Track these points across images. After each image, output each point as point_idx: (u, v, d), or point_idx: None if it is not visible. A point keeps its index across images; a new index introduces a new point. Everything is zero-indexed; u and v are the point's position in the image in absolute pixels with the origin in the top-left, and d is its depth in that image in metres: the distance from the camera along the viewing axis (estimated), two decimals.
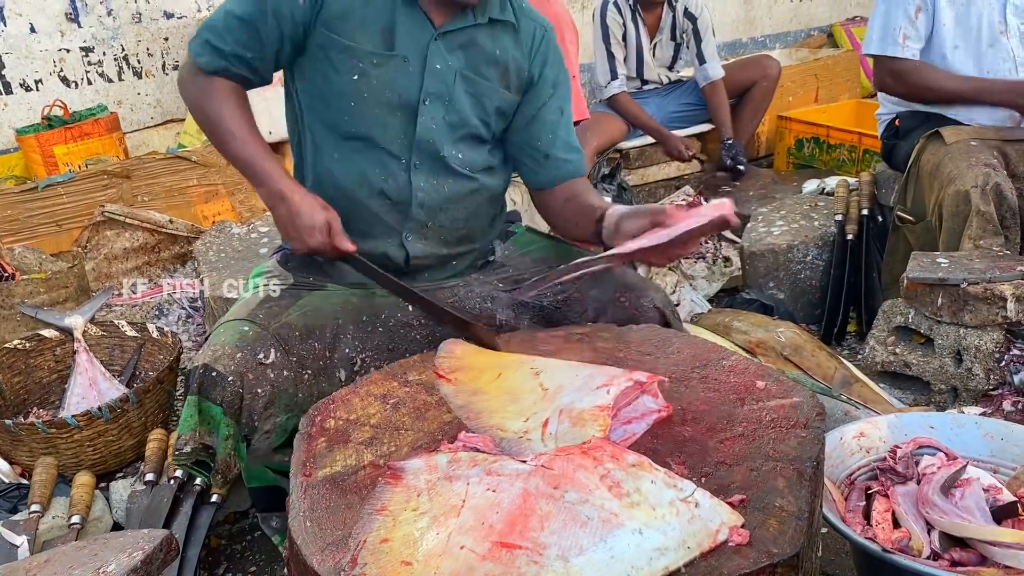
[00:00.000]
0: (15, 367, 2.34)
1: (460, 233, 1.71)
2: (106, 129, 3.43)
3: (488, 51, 1.60)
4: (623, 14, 3.77)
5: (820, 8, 5.85)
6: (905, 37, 2.48)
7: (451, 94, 1.58)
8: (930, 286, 2.15)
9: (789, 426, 1.23)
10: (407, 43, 1.54)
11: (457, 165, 1.63)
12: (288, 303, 1.59)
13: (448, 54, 1.56)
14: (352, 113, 1.56)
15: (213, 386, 1.43)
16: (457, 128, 1.61)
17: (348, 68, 1.53)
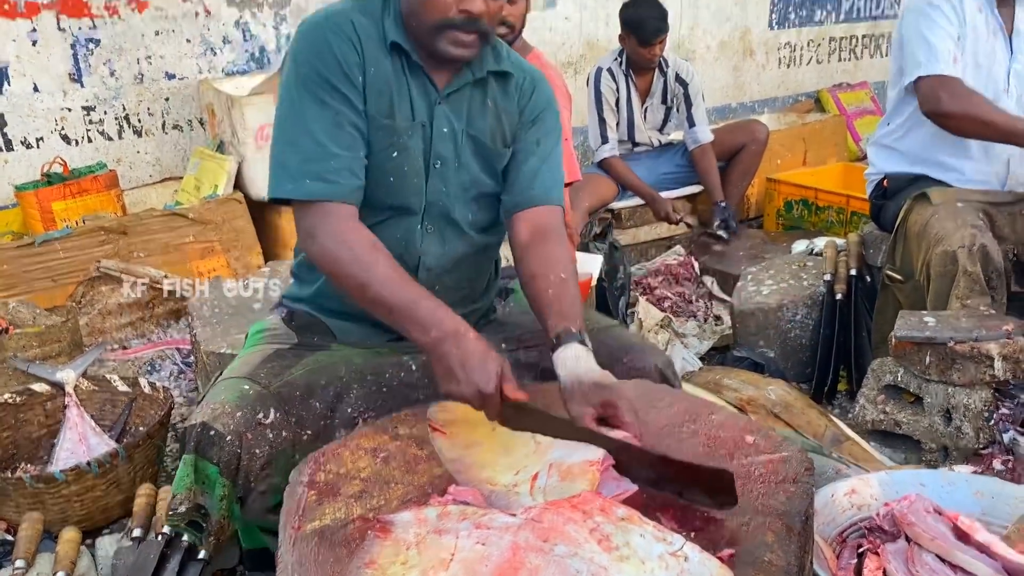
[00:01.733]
0: (4, 421, 2.33)
1: (463, 293, 1.71)
2: (105, 186, 3.47)
3: (483, 106, 1.61)
4: (616, 79, 3.88)
5: (807, 75, 6.00)
6: (955, 59, 2.46)
7: (459, 156, 1.58)
8: (918, 345, 2.17)
9: (778, 481, 1.24)
10: (420, 109, 1.55)
11: (466, 227, 1.63)
12: (291, 362, 1.58)
13: (454, 115, 1.57)
14: (388, 187, 1.55)
15: (211, 445, 1.42)
16: (468, 189, 1.61)
17: (391, 146, 1.53)
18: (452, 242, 1.63)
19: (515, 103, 1.64)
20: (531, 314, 1.78)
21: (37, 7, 3.45)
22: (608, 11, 4.88)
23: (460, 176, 1.59)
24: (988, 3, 2.54)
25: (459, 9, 1.44)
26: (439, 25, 1.45)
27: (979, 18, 2.53)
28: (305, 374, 1.56)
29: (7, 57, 3.44)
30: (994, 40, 2.53)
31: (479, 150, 1.60)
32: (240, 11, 3.89)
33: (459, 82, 1.57)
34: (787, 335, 2.80)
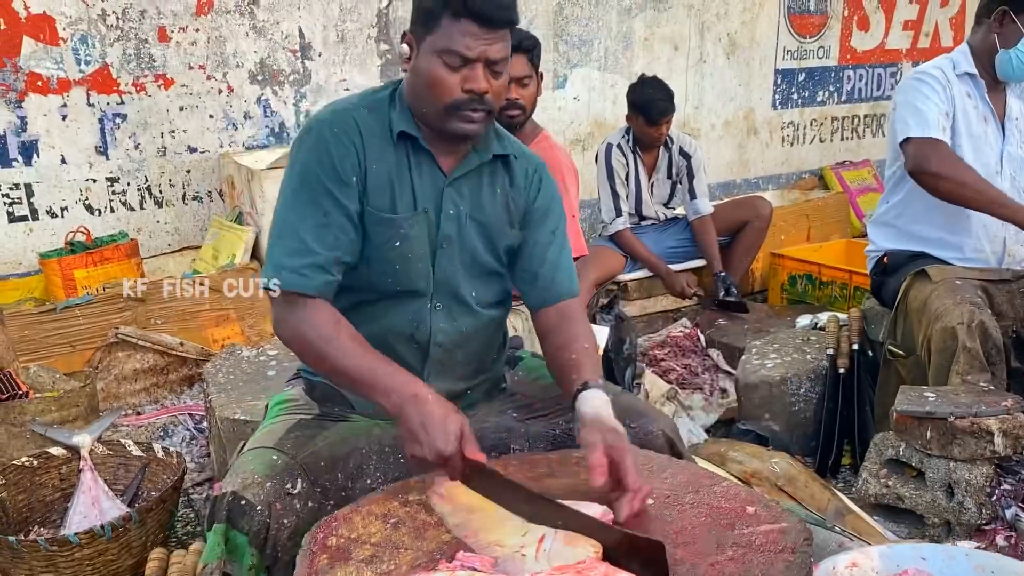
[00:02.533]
0: (20, 484, 2.37)
1: (474, 367, 1.76)
2: (125, 255, 3.58)
3: (491, 190, 1.69)
4: (625, 155, 4.00)
5: (810, 153, 6.14)
6: (944, 128, 2.55)
7: (463, 237, 1.66)
8: (919, 419, 2.20)
9: (777, 550, 1.27)
10: (424, 195, 1.63)
11: (472, 303, 1.70)
12: (314, 432, 1.62)
13: (459, 198, 1.66)
14: (395, 274, 1.63)
15: (241, 515, 1.44)
16: (471, 267, 1.68)
17: (392, 237, 1.60)
18: (461, 318, 1.70)
19: (523, 190, 1.72)
20: (540, 382, 1.84)
21: (69, 84, 3.62)
22: (616, 91, 5.05)
23: (464, 256, 1.67)
24: (977, 89, 2.65)
25: (464, 89, 1.53)
26: (448, 107, 1.54)
27: (968, 103, 2.64)
28: (328, 445, 1.60)
29: (38, 130, 3.59)
30: (985, 125, 2.63)
31: (483, 231, 1.68)
32: (262, 88, 4.05)
33: (465, 167, 1.66)
34: (791, 408, 2.83)
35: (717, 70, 5.50)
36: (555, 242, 1.74)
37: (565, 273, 1.73)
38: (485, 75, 1.54)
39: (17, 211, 3.62)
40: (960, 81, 2.64)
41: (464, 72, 1.53)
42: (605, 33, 4.99)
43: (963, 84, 2.64)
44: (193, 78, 3.88)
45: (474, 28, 1.50)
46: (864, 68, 6.22)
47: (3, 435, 2.58)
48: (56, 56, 3.57)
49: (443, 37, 1.51)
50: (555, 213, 1.76)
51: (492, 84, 1.56)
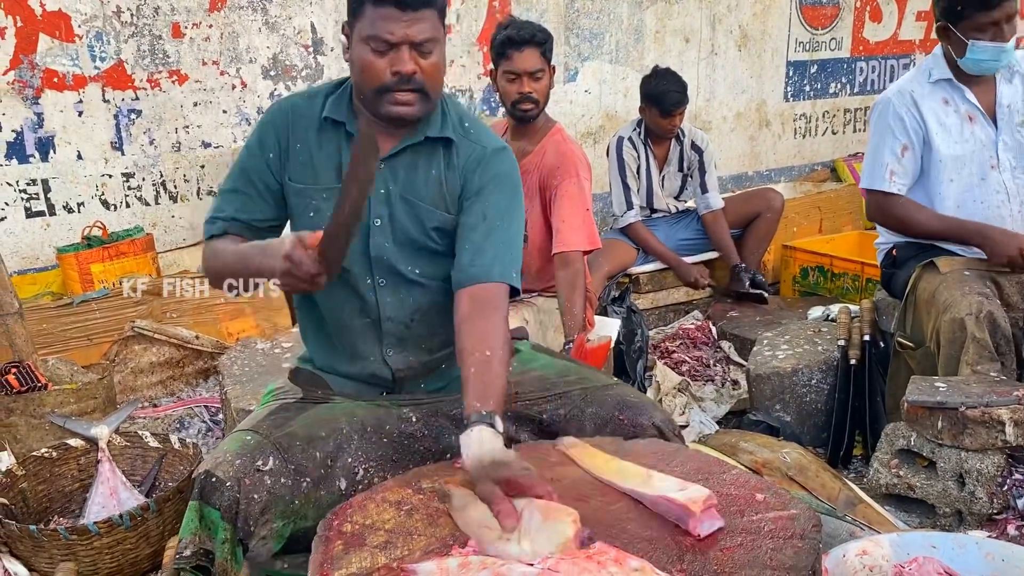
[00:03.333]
0: (40, 475, 2.41)
1: (440, 339, 1.79)
2: (141, 249, 3.61)
3: (427, 171, 1.73)
4: (636, 148, 4.01)
5: (823, 145, 6.12)
6: (892, 173, 2.65)
7: (393, 215, 1.71)
8: (930, 410, 2.21)
9: (786, 537, 1.29)
10: None
11: (416, 277, 1.74)
12: (293, 415, 1.69)
13: (391, 178, 1.71)
14: None
15: (213, 491, 1.51)
16: (406, 246, 1.73)
17: (304, 207, 1.72)
18: (408, 293, 1.75)
19: (458, 172, 1.73)
20: (532, 372, 1.86)
21: (84, 80, 3.65)
22: (627, 84, 5.05)
23: (397, 234, 1.72)
24: (957, 92, 2.63)
25: (391, 72, 1.59)
26: (379, 90, 1.62)
27: (946, 110, 2.63)
28: (306, 425, 1.66)
29: (54, 127, 3.63)
30: (971, 125, 2.62)
31: (413, 210, 1.72)
32: (275, 83, 4.08)
33: (397, 147, 1.71)
34: (802, 399, 2.84)
35: (728, 62, 5.48)
36: (482, 225, 1.69)
37: (488, 257, 1.66)
38: (412, 57, 1.59)
39: (34, 206, 3.66)
40: (936, 89, 2.64)
41: (391, 56, 1.59)
42: (616, 26, 4.99)
43: (939, 91, 2.64)
44: (207, 74, 3.90)
45: (394, 12, 1.57)
46: (877, 59, 6.19)
47: (23, 426, 2.62)
48: (72, 53, 3.61)
49: (367, 24, 1.59)
50: (491, 198, 1.71)
51: (421, 64, 1.61)
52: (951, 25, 2.55)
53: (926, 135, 2.62)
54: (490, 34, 2.92)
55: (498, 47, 2.76)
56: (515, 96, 2.75)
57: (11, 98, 3.52)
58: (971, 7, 2.49)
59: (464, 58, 4.55)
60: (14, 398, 2.62)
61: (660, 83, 3.88)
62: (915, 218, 2.66)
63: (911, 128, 2.63)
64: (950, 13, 2.55)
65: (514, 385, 1.83)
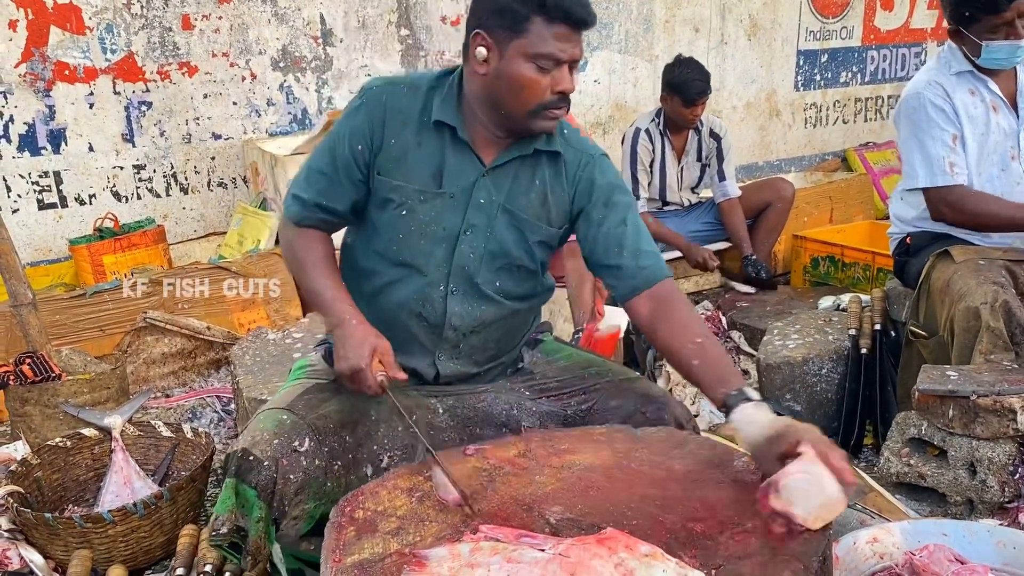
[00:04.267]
0: (55, 464, 2.43)
1: (490, 352, 1.80)
2: (152, 240, 3.63)
3: (530, 183, 1.70)
4: (653, 141, 3.98)
5: (833, 134, 6.09)
6: (952, 165, 2.55)
7: (492, 226, 1.69)
8: (941, 398, 2.20)
9: None
10: (455, 181, 1.67)
11: (492, 292, 1.73)
12: (327, 396, 1.68)
13: (494, 188, 1.68)
14: (399, 243, 1.69)
15: (249, 470, 1.52)
16: (497, 258, 1.71)
17: (397, 204, 1.67)
18: (478, 305, 1.73)
19: (568, 184, 1.72)
20: (557, 364, 1.87)
21: (95, 72, 3.67)
22: (636, 75, 5.04)
23: (490, 245, 1.70)
24: (979, 82, 2.60)
25: (554, 91, 1.58)
26: (536, 108, 1.59)
27: (973, 101, 2.60)
28: (339, 409, 1.66)
29: (66, 119, 3.65)
30: (995, 114, 2.59)
31: (515, 223, 1.70)
32: (284, 75, 4.09)
33: (504, 157, 1.68)
34: (813, 389, 2.84)
35: (739, 52, 5.46)
36: (628, 229, 1.71)
37: (650, 258, 1.70)
38: (572, 74, 1.60)
39: (47, 198, 3.68)
40: (961, 80, 2.60)
41: (554, 74, 1.57)
42: (625, 15, 4.97)
43: (964, 82, 2.60)
44: (216, 65, 3.92)
45: (565, 31, 1.54)
46: (888, 48, 6.15)
47: (37, 416, 2.64)
48: (83, 45, 3.62)
49: (536, 41, 1.54)
50: (621, 202, 1.73)
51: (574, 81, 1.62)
52: (963, 28, 2.53)
53: (960, 127, 2.58)
54: None
55: None
56: None
57: (23, 91, 3.54)
58: (981, 11, 2.47)
59: None
60: (28, 388, 2.64)
61: (683, 72, 3.84)
62: (994, 210, 2.52)
63: (952, 118, 2.57)
64: (960, 17, 2.53)
65: (541, 376, 1.85)
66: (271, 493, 1.52)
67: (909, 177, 2.64)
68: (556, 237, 1.76)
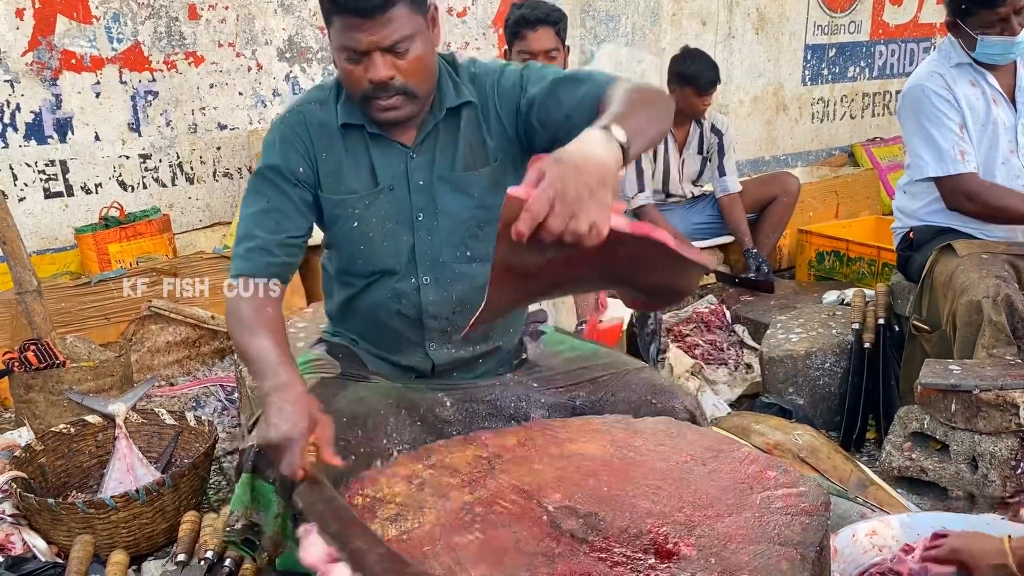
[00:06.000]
0: (59, 451, 2.44)
1: (481, 331, 1.78)
2: (158, 230, 3.64)
3: (455, 143, 1.67)
4: None
5: (840, 129, 6.07)
6: (963, 153, 2.54)
7: (438, 202, 1.68)
8: (943, 392, 2.20)
9: (795, 513, 1.29)
10: (388, 173, 1.67)
11: (464, 263, 1.71)
12: (335, 391, 1.68)
13: (426, 165, 1.67)
14: (363, 255, 1.70)
15: (267, 465, 1.50)
16: (455, 231, 1.69)
17: (347, 217, 1.67)
18: (451, 285, 1.72)
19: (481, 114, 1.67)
20: (561, 356, 1.86)
21: (102, 61, 3.68)
22: (643, 68, 5.02)
23: (443, 221, 1.69)
24: (979, 75, 2.60)
25: (368, 80, 1.55)
26: (362, 99, 1.58)
27: (974, 93, 2.60)
28: (348, 403, 1.66)
29: (72, 108, 3.66)
30: (995, 107, 2.59)
31: (456, 187, 1.68)
32: (290, 66, 4.09)
33: (423, 133, 1.67)
34: (816, 383, 2.83)
35: (746, 45, 5.44)
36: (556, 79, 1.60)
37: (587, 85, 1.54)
38: (387, 61, 1.53)
39: (53, 187, 3.69)
40: (961, 71, 2.60)
41: (365, 63, 1.54)
42: (632, 8, 4.95)
43: (964, 73, 2.60)
44: (223, 55, 3.92)
45: (354, 21, 1.50)
46: (896, 43, 6.12)
47: (42, 403, 2.65)
48: (89, 34, 3.63)
49: (336, 33, 1.54)
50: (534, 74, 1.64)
51: (399, 65, 1.54)
52: (959, 21, 2.53)
53: (962, 118, 2.59)
54: (505, 16, 2.91)
55: (512, 27, 2.75)
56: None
57: (30, 79, 3.55)
58: (978, 4, 2.47)
59: (479, 40, 4.54)
60: (33, 375, 2.66)
61: (695, 63, 3.84)
62: (1012, 202, 2.51)
63: (955, 108, 2.58)
64: (957, 10, 2.53)
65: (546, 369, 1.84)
66: (289, 488, 1.49)
67: (918, 168, 2.63)
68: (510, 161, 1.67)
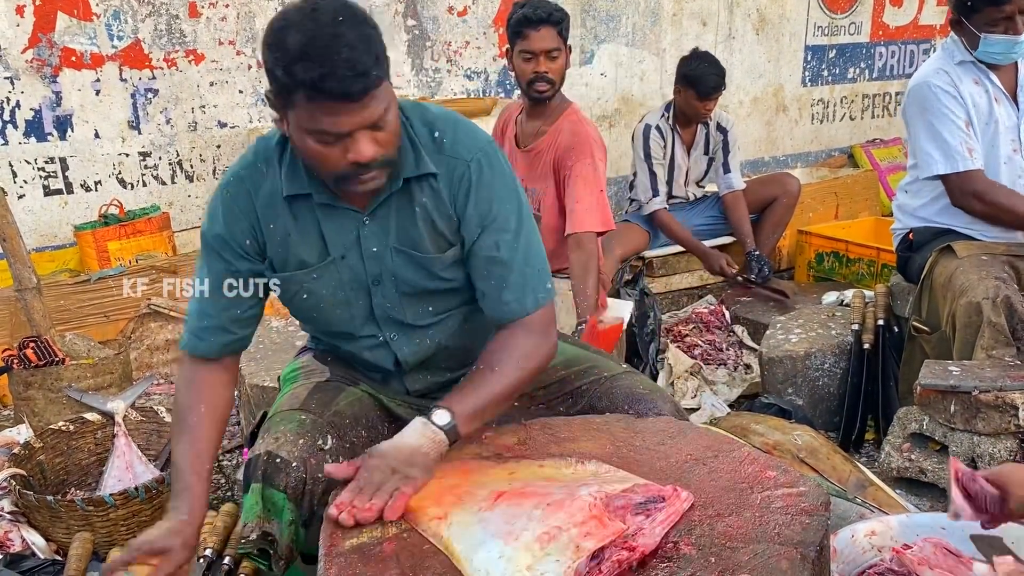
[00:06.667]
0: (57, 448, 2.44)
1: (459, 359, 1.74)
2: (157, 227, 3.64)
3: (412, 215, 1.55)
4: (664, 136, 3.97)
5: (840, 130, 6.07)
6: (970, 150, 2.53)
7: (394, 271, 1.58)
8: (943, 393, 2.20)
9: (795, 513, 1.29)
10: (338, 242, 1.56)
11: (429, 320, 1.65)
12: (333, 394, 1.67)
13: (380, 232, 1.56)
14: (320, 321, 1.68)
15: (277, 472, 1.48)
16: (413, 296, 1.62)
17: (296, 291, 1.61)
18: (420, 338, 1.67)
19: (449, 205, 1.55)
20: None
21: (102, 59, 3.67)
22: (643, 68, 5.03)
23: (401, 287, 1.60)
24: (982, 73, 2.61)
25: (349, 162, 1.39)
26: (338, 178, 1.43)
27: (977, 91, 2.60)
28: (348, 404, 1.66)
29: (72, 105, 3.65)
30: (997, 106, 2.60)
31: (411, 261, 1.58)
32: None
33: (379, 198, 1.53)
34: (815, 383, 2.84)
35: (746, 46, 5.44)
36: (499, 256, 1.54)
37: (516, 293, 1.55)
38: (368, 139, 1.37)
39: (52, 184, 3.69)
40: (964, 69, 2.61)
41: (344, 143, 1.37)
42: (633, 8, 4.96)
43: (968, 71, 2.61)
44: (223, 53, 3.92)
45: (335, 105, 1.32)
46: (896, 44, 6.13)
47: (41, 400, 2.65)
48: (90, 31, 3.62)
49: (306, 116, 1.35)
50: (498, 220, 1.55)
51: (379, 139, 1.39)
52: (964, 19, 2.53)
53: (967, 115, 2.59)
54: (506, 15, 2.91)
55: (514, 26, 2.75)
56: (530, 76, 2.74)
57: (30, 76, 3.55)
58: (983, 1, 2.47)
59: (480, 40, 4.54)
60: (32, 372, 2.66)
61: (700, 65, 3.83)
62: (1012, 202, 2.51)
63: (961, 105, 2.58)
64: (962, 7, 2.53)
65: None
66: (301, 494, 1.49)
67: (926, 165, 2.60)
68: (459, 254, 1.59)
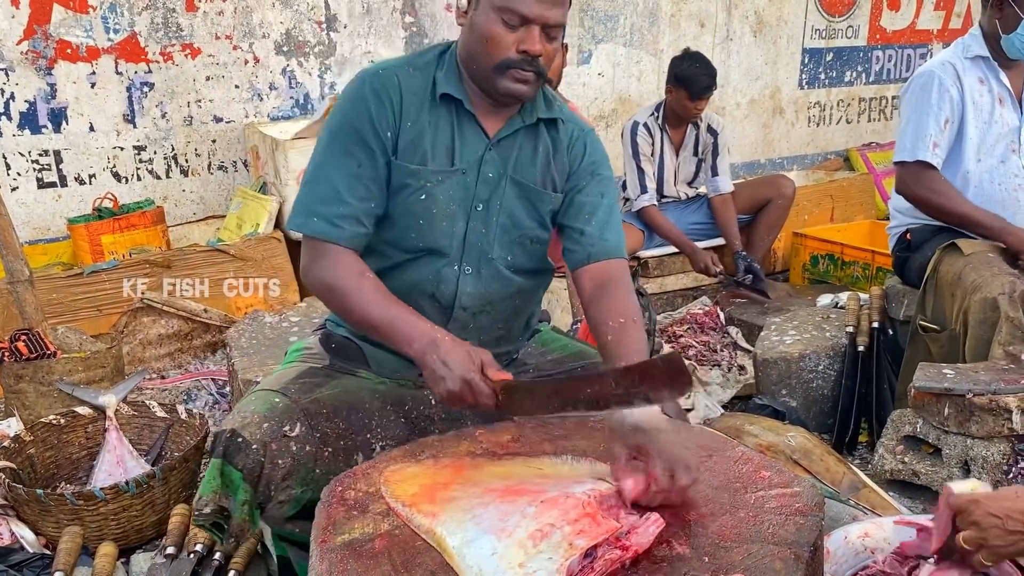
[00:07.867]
0: (48, 441, 2.42)
1: (498, 334, 1.77)
2: (151, 222, 3.62)
3: (534, 152, 1.69)
4: (652, 134, 3.97)
5: (836, 133, 6.08)
6: (935, 145, 2.60)
7: (501, 199, 1.67)
8: (937, 396, 2.20)
9: (789, 513, 1.29)
10: (465, 156, 1.64)
11: (504, 267, 1.70)
12: (321, 381, 1.66)
13: (500, 160, 1.66)
14: (418, 229, 1.64)
15: (237, 451, 1.50)
16: (508, 231, 1.69)
17: (415, 189, 1.62)
18: (489, 282, 1.70)
19: (566, 152, 1.72)
20: (551, 355, 1.85)
21: (98, 52, 3.65)
22: (641, 68, 5.02)
23: (501, 219, 1.67)
24: (991, 71, 2.63)
25: (519, 49, 1.53)
26: (500, 65, 1.55)
27: (981, 89, 2.63)
28: (333, 394, 1.65)
29: (67, 98, 3.63)
30: (1000, 106, 2.62)
31: (523, 193, 1.69)
32: (287, 59, 4.07)
33: (510, 128, 1.66)
34: (809, 385, 2.83)
35: (744, 48, 5.45)
36: (603, 204, 1.72)
37: (614, 234, 1.71)
38: (540, 38, 1.54)
39: (46, 177, 3.67)
40: (973, 65, 2.64)
41: (520, 32, 1.53)
42: (631, 9, 4.96)
43: (976, 68, 2.64)
44: (219, 48, 3.90)
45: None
46: (894, 48, 6.14)
47: (32, 393, 2.64)
48: (85, 24, 3.60)
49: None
50: (604, 177, 1.75)
51: (546, 48, 1.55)
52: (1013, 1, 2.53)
53: (963, 112, 2.62)
54: None
55: None
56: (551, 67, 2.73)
57: (24, 68, 3.53)
58: None
59: None
60: (23, 365, 2.64)
61: (692, 66, 3.83)
62: (948, 195, 2.60)
63: (954, 102, 2.61)
64: None
65: (534, 368, 1.84)
66: (257, 477, 1.51)
67: (899, 151, 2.69)
68: (559, 205, 1.74)
